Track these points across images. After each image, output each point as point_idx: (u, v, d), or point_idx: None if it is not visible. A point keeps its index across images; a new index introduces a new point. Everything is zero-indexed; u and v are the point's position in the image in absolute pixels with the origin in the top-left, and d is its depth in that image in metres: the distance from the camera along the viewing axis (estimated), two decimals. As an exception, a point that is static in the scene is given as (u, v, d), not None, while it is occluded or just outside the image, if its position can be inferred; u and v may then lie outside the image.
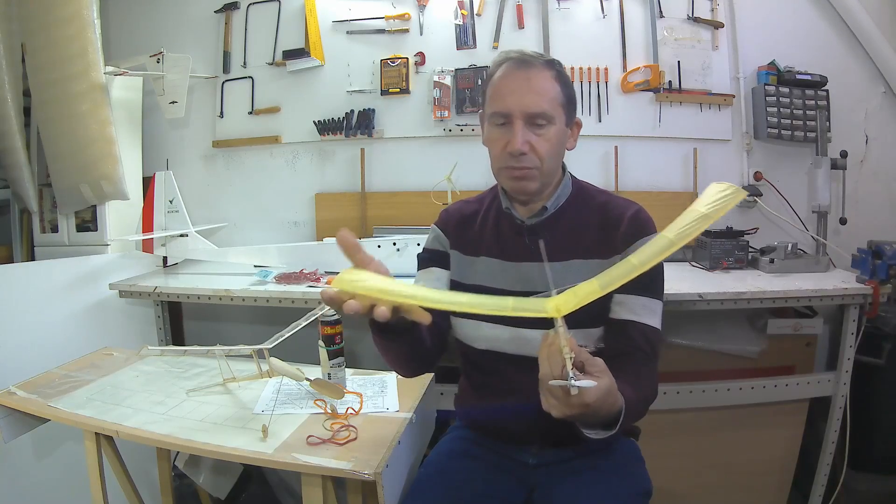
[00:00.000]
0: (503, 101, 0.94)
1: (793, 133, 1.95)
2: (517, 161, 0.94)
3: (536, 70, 0.94)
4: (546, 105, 0.93)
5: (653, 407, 0.89)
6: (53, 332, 1.68)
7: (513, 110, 0.93)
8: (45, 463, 1.55)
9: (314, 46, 2.06)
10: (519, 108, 0.92)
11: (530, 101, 0.92)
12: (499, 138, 0.96)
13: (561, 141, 0.97)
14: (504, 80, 0.95)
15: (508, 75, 0.95)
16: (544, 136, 0.93)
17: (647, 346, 0.91)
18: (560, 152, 0.99)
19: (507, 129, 0.94)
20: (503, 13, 2.04)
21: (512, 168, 0.95)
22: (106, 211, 2.01)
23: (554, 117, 0.94)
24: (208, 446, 0.93)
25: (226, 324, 2.26)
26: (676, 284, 1.56)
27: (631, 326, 0.92)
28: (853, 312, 1.60)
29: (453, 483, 0.99)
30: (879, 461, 1.81)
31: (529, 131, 0.93)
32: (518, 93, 0.93)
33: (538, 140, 0.93)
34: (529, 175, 0.95)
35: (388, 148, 2.14)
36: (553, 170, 0.98)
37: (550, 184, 1.00)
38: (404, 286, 0.69)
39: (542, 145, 0.93)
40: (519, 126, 0.92)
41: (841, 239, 1.90)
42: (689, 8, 2.01)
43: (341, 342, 1.16)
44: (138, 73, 2.03)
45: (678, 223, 0.67)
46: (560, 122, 0.95)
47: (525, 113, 0.92)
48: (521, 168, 0.94)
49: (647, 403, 0.88)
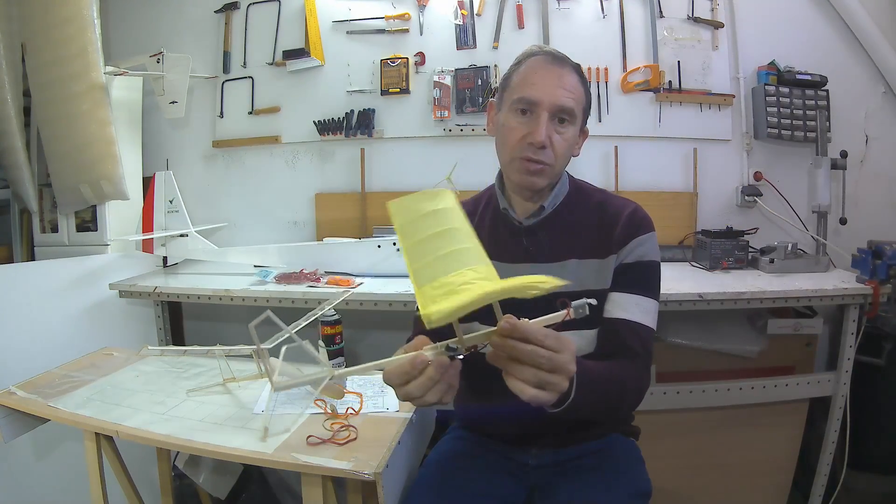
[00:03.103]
0: (534, 88, 0.93)
1: (793, 133, 1.95)
2: (535, 153, 0.92)
3: (568, 69, 0.94)
4: (573, 104, 0.93)
5: (653, 407, 0.89)
6: (53, 332, 1.68)
7: (542, 100, 0.91)
8: (45, 463, 1.55)
9: (314, 46, 2.06)
10: (550, 98, 0.92)
11: (561, 95, 0.92)
12: (518, 126, 0.94)
13: (572, 143, 0.97)
14: (536, 70, 0.94)
15: (541, 67, 0.94)
16: (564, 135, 0.93)
17: (639, 345, 0.90)
18: (569, 154, 0.98)
19: (529, 118, 0.93)
20: (503, 13, 2.05)
21: (528, 160, 0.93)
22: (106, 211, 2.00)
23: (577, 117, 0.95)
24: (208, 446, 0.93)
25: (226, 324, 2.26)
26: (676, 284, 1.56)
27: (623, 325, 0.91)
28: (853, 312, 1.60)
29: (453, 483, 0.99)
30: (879, 461, 1.81)
31: (552, 126, 0.92)
32: (550, 85, 0.92)
33: (558, 137, 0.93)
34: (543, 171, 0.94)
35: (388, 148, 2.14)
36: (561, 171, 0.99)
37: (555, 184, 1.00)
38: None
39: (561, 144, 0.93)
40: (545, 118, 0.91)
41: (841, 239, 1.90)
42: (689, 8, 2.01)
43: (341, 342, 1.16)
44: (138, 73, 2.03)
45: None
46: (578, 125, 0.96)
47: (554, 105, 0.92)
48: (538, 162, 0.93)
49: (625, 395, 0.86)
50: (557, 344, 0.64)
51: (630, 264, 0.94)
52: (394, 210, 0.74)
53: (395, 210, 0.74)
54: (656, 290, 0.96)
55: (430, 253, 0.68)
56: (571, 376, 0.67)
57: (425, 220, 0.72)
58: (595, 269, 0.95)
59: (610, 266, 0.94)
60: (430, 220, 0.72)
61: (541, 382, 0.63)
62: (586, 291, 0.93)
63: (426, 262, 0.67)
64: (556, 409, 0.75)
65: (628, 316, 0.92)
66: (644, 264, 0.95)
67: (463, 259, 0.68)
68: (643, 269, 0.94)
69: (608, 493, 0.94)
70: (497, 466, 1.01)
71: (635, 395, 0.89)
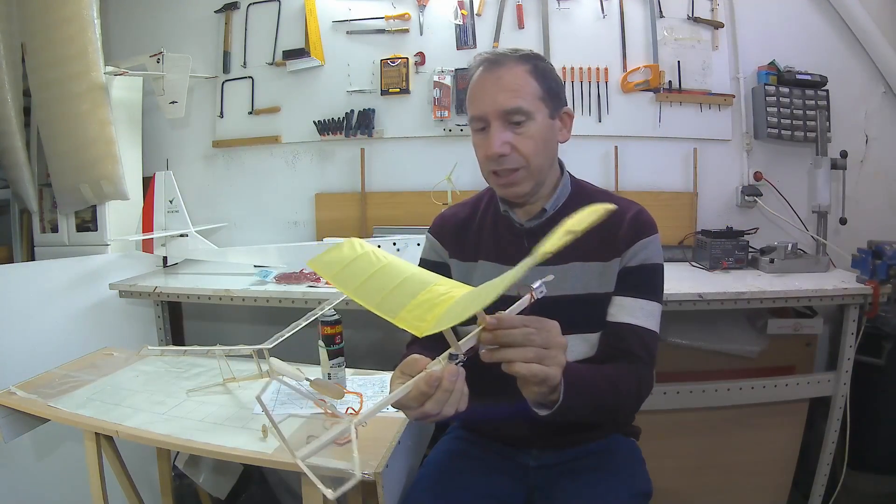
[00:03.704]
0: (476, 104, 0.93)
1: (793, 133, 1.95)
2: (499, 164, 0.91)
3: (508, 67, 0.90)
4: (520, 101, 0.89)
5: (653, 407, 0.89)
6: (53, 332, 1.68)
7: (486, 111, 0.91)
8: (45, 463, 1.55)
9: (314, 46, 2.06)
10: (492, 107, 0.90)
11: (502, 99, 0.89)
12: (480, 144, 0.94)
13: (546, 136, 0.93)
14: (476, 83, 0.93)
15: (480, 79, 0.93)
16: (525, 134, 0.90)
17: (643, 350, 0.90)
18: (549, 148, 0.94)
19: (486, 133, 0.92)
20: (503, 13, 2.04)
21: (496, 174, 0.93)
22: (106, 211, 2.01)
23: (532, 112, 0.90)
24: (208, 446, 0.93)
25: (226, 324, 2.26)
26: (676, 284, 1.56)
27: (627, 329, 0.91)
28: (853, 312, 1.60)
29: (453, 483, 0.98)
30: (879, 461, 1.81)
31: (508, 131, 0.90)
32: (490, 93, 0.91)
33: (519, 139, 0.90)
34: (516, 178, 0.92)
35: (388, 148, 2.14)
36: (543, 167, 0.94)
37: (544, 182, 0.97)
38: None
39: (525, 143, 0.90)
40: (496, 127, 0.90)
41: (841, 239, 1.90)
42: (689, 8, 2.01)
43: (341, 342, 1.15)
44: (138, 73, 2.03)
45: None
46: (542, 117, 0.91)
47: (498, 111, 0.89)
48: (506, 170, 0.92)
49: (618, 397, 0.85)
50: (541, 323, 0.67)
51: (634, 268, 0.93)
52: (316, 268, 0.77)
53: (317, 268, 0.77)
54: (660, 294, 0.95)
55: (382, 289, 0.70)
56: (564, 346, 0.69)
57: (353, 266, 0.74)
58: (599, 272, 0.94)
59: (614, 269, 0.93)
60: (357, 265, 0.75)
61: (540, 357, 0.66)
62: (589, 294, 0.93)
63: (384, 297, 0.69)
64: (547, 411, 0.75)
65: (633, 320, 0.91)
66: (648, 267, 0.94)
67: (419, 281, 0.70)
68: (647, 273, 0.94)
69: (609, 494, 0.94)
70: (497, 467, 1.01)
71: (631, 398, 0.88)
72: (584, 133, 2.02)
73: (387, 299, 0.68)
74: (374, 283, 0.71)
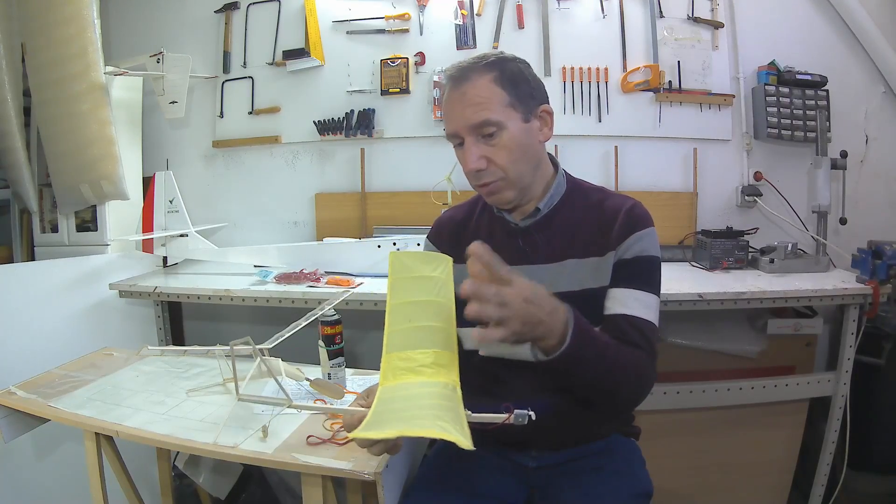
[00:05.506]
0: (448, 122, 0.93)
1: (793, 133, 1.95)
2: (478, 179, 0.93)
3: (472, 81, 0.89)
4: (487, 113, 0.88)
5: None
6: (53, 332, 1.68)
7: (457, 129, 0.91)
8: (45, 463, 1.55)
9: (314, 46, 2.06)
10: (461, 123, 0.90)
11: (469, 114, 0.89)
12: (460, 159, 0.95)
13: (523, 142, 0.91)
14: (446, 101, 0.93)
15: (448, 96, 0.93)
16: (498, 145, 0.90)
17: (642, 340, 0.88)
18: (528, 152, 0.93)
19: (463, 149, 0.93)
20: (503, 13, 2.05)
21: (480, 186, 0.95)
22: (106, 211, 2.01)
23: (502, 121, 0.89)
24: (208, 446, 0.93)
25: (226, 324, 2.26)
26: (676, 284, 1.56)
27: (623, 320, 0.89)
28: (853, 312, 1.60)
29: (453, 483, 0.99)
30: (879, 461, 1.81)
31: (482, 144, 0.90)
32: (457, 110, 0.90)
33: (493, 150, 0.90)
34: (497, 188, 0.93)
35: (388, 148, 2.14)
36: (524, 173, 0.93)
37: (530, 186, 0.96)
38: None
39: (499, 154, 0.90)
40: (469, 143, 0.90)
41: (841, 239, 1.90)
42: (689, 8, 2.01)
43: (341, 342, 1.16)
44: (138, 73, 2.03)
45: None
46: (514, 124, 0.90)
47: (467, 127, 0.89)
48: (487, 184, 0.93)
49: (627, 374, 0.85)
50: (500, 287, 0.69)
51: (629, 259, 0.92)
52: (392, 261, 0.78)
53: (393, 261, 0.78)
54: (657, 286, 0.94)
55: (409, 320, 0.76)
56: (523, 296, 0.70)
57: (417, 284, 0.77)
58: (593, 267, 0.93)
59: (609, 263, 0.93)
60: (421, 285, 0.77)
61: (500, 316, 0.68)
62: (585, 291, 0.93)
63: (401, 329, 0.76)
64: (550, 356, 0.75)
65: (628, 311, 0.89)
66: (643, 259, 0.92)
67: (434, 339, 0.76)
68: (643, 264, 0.93)
69: (609, 494, 0.94)
70: (497, 467, 1.01)
71: (637, 383, 0.87)
72: (584, 133, 2.02)
73: (400, 333, 0.76)
74: (411, 311, 0.76)
